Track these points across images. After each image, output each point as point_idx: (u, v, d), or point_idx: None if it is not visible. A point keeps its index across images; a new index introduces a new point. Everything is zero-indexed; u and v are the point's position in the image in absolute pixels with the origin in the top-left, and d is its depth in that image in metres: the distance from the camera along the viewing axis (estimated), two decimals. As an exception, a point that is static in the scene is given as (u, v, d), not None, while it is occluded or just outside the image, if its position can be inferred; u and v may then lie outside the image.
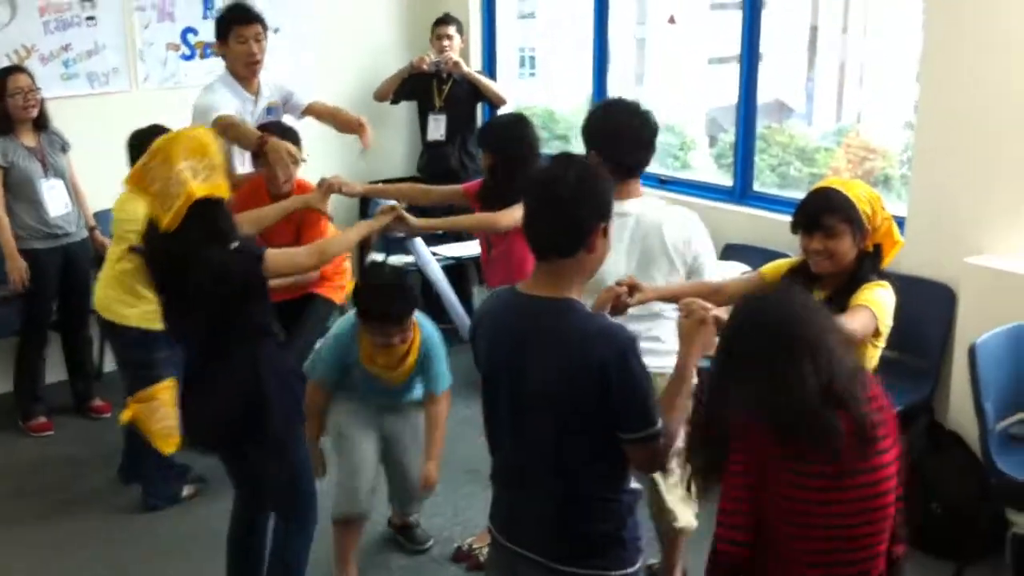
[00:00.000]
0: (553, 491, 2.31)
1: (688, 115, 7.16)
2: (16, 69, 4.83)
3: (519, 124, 3.90)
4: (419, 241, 4.91)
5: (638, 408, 2.21)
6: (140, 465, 4.34)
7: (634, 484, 2.40)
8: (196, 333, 3.07)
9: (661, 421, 2.25)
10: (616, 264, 3.06)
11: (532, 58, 8.20)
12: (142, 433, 4.13)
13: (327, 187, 3.71)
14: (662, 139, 4.12)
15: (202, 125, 4.27)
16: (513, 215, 3.41)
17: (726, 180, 5.37)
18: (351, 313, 3.54)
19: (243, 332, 3.02)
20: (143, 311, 3.96)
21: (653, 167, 3.93)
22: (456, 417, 4.04)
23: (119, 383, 4.44)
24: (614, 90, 5.97)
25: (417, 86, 6.06)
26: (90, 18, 5.43)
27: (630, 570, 2.37)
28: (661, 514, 3.39)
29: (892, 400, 2.29)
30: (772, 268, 3.00)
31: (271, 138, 4.03)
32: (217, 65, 4.72)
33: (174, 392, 3.82)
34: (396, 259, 6.00)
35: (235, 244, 2.94)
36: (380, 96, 6.12)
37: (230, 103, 4.36)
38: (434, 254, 5.05)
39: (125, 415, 4.16)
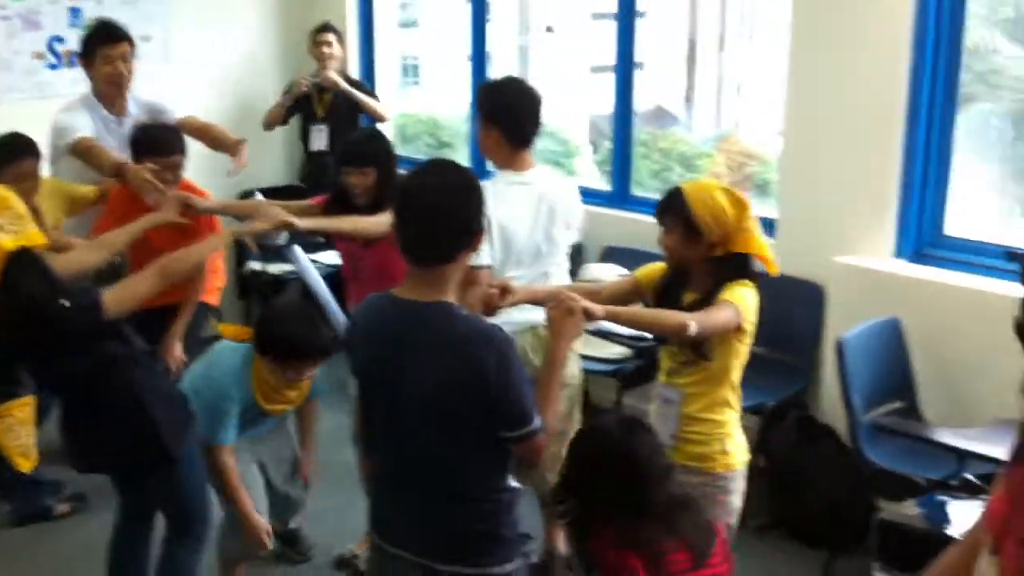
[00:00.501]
0: (433, 492, 2.32)
1: (572, 122, 7.23)
2: None
3: (383, 137, 3.90)
4: (298, 249, 4.84)
5: (517, 407, 2.23)
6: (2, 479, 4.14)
7: (513, 482, 2.40)
8: (61, 378, 2.94)
9: (539, 419, 2.27)
10: (525, 226, 3.39)
11: (415, 66, 8.17)
12: None
13: (175, 202, 3.63)
14: (547, 146, 4.16)
15: (61, 143, 4.19)
16: (385, 222, 3.38)
17: (608, 185, 5.42)
18: (230, 364, 3.32)
19: (110, 366, 2.91)
20: None
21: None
22: (336, 423, 3.98)
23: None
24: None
25: (299, 97, 5.99)
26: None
27: (509, 567, 2.37)
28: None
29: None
30: (646, 271, 3.04)
31: (129, 166, 3.91)
32: (79, 76, 4.56)
33: (32, 410, 3.65)
34: (274, 268, 5.94)
35: (64, 302, 2.73)
36: (269, 125, 6.02)
37: (88, 126, 4.22)
38: (313, 262, 4.99)
39: None
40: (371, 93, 6.10)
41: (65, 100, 4.42)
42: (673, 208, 2.81)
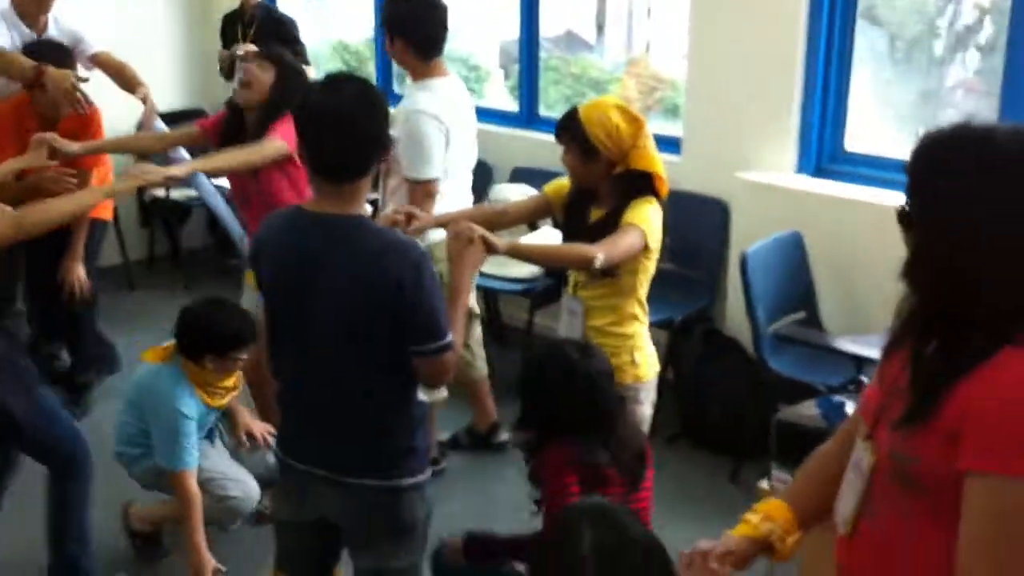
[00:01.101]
0: (342, 406, 2.31)
1: (482, 48, 7.13)
2: None
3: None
4: (201, 174, 4.72)
5: (431, 321, 2.23)
6: None
7: (423, 396, 2.41)
8: None
9: (452, 334, 2.28)
10: (462, 133, 3.61)
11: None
12: None
13: (38, 142, 3.49)
14: (458, 71, 4.14)
15: None
16: (270, 148, 3.41)
17: (517, 108, 5.40)
18: (168, 390, 3.19)
19: None
20: None
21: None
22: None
23: None
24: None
25: (226, 33, 5.70)
26: None
27: (421, 478, 2.40)
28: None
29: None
30: (554, 187, 3.05)
31: (52, 71, 3.79)
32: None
33: None
34: (177, 193, 5.80)
35: None
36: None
37: (3, 37, 4.09)
38: (217, 187, 4.88)
39: None
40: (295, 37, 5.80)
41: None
42: (569, 128, 2.84)
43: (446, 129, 3.54)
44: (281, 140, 3.42)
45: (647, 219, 2.78)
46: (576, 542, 1.50)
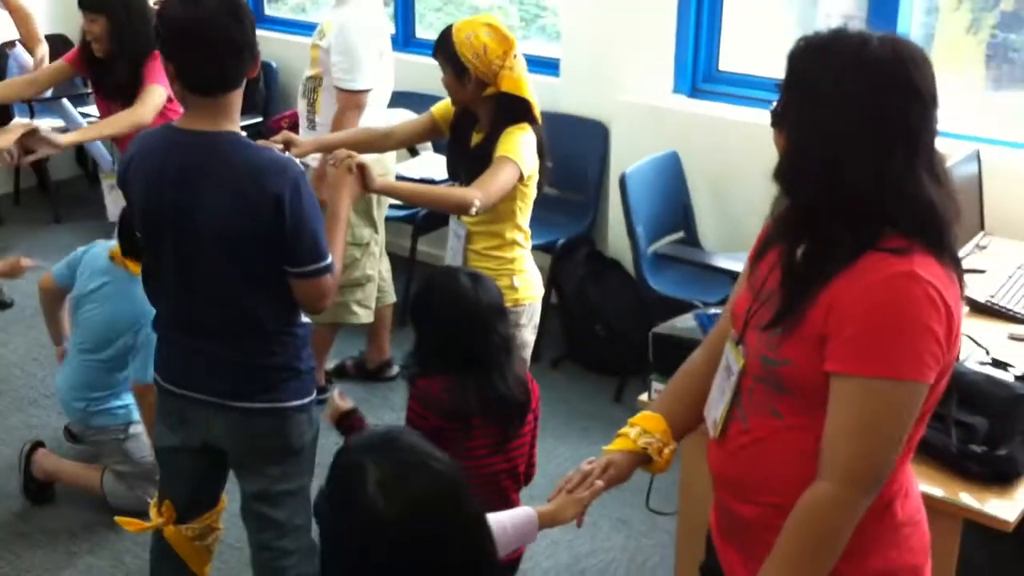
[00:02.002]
0: (225, 329, 2.28)
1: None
2: None
3: None
4: (66, 102, 4.56)
5: (311, 241, 2.20)
6: None
7: (305, 318, 2.39)
8: None
9: (332, 257, 2.25)
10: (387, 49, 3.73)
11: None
12: None
13: None
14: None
15: None
16: (153, 101, 3.39)
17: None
18: (139, 291, 2.61)
19: None
20: None
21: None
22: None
23: None
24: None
25: None
26: None
27: (306, 400, 2.39)
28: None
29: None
30: (441, 108, 3.03)
31: None
32: None
33: None
34: (45, 122, 5.53)
35: None
36: None
37: None
38: (84, 115, 4.71)
39: None
40: None
41: None
42: (441, 47, 2.81)
43: (377, 42, 3.61)
44: (158, 85, 3.37)
45: (518, 148, 2.76)
46: (361, 481, 1.33)
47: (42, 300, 3.39)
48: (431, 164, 4.34)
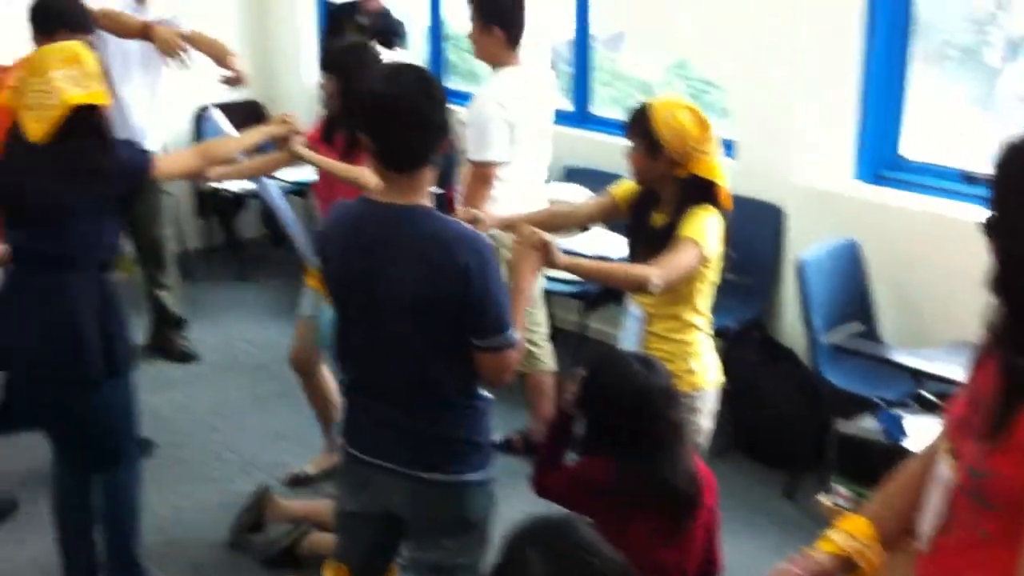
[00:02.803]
0: (409, 398, 2.33)
1: (533, 48, 7.13)
2: None
3: (365, 49, 3.77)
4: (264, 180, 4.75)
5: (495, 315, 2.25)
6: None
7: (486, 391, 2.42)
8: (36, 247, 2.90)
9: (514, 331, 2.29)
10: (528, 121, 3.74)
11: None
12: None
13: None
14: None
15: None
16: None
17: (568, 106, 5.39)
18: None
19: (95, 248, 2.93)
20: None
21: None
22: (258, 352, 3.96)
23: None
24: (452, 17, 5.87)
25: (331, 31, 5.66)
26: None
27: (486, 474, 2.41)
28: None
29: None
30: (621, 189, 3.04)
31: (159, 27, 4.14)
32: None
33: None
34: (234, 185, 5.83)
35: (118, 152, 2.93)
36: None
37: (115, 2, 4.32)
38: (274, 178, 4.91)
39: None
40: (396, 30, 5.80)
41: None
42: (637, 123, 2.82)
43: (510, 116, 3.64)
44: None
45: (703, 231, 2.75)
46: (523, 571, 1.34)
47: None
48: (604, 241, 4.37)
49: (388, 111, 2.24)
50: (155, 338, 4.97)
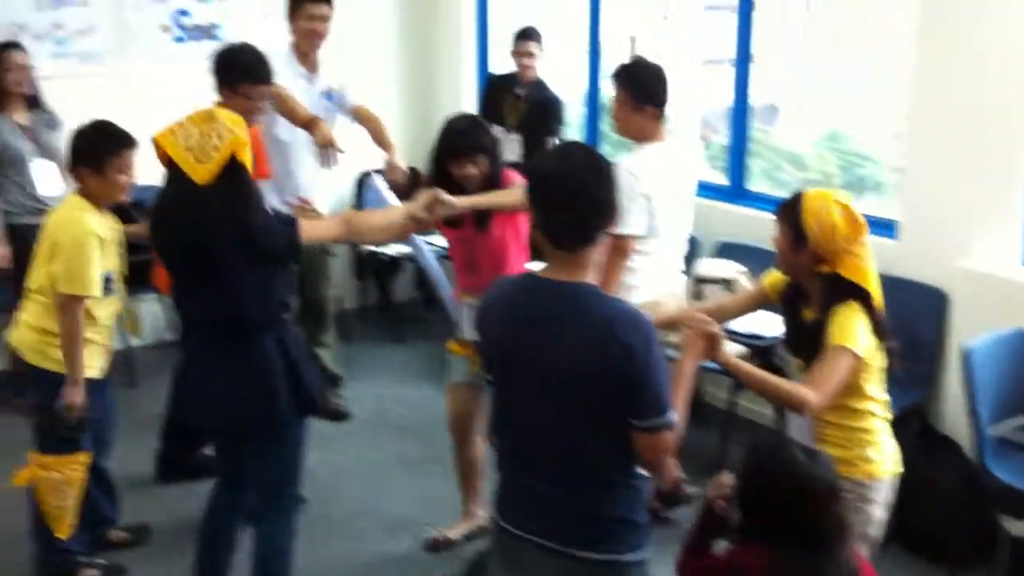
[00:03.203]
0: (567, 476, 2.32)
1: (682, 115, 7.16)
2: (12, 45, 4.78)
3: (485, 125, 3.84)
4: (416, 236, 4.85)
5: (655, 395, 2.23)
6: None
7: (643, 470, 2.39)
8: (211, 308, 3.00)
9: (674, 413, 2.27)
10: (667, 196, 3.74)
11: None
12: (37, 500, 3.54)
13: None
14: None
15: None
16: (517, 191, 3.45)
17: (721, 179, 5.37)
18: None
19: (267, 308, 3.02)
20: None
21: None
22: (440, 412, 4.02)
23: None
24: (606, 86, 5.94)
25: (489, 101, 5.77)
26: (83, -4, 5.41)
27: (643, 555, 2.37)
28: None
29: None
30: (772, 280, 3.00)
31: (322, 123, 4.37)
32: (204, 49, 4.69)
33: (84, 470, 3.51)
34: (391, 249, 6.02)
35: (268, 210, 3.01)
36: None
37: (287, 78, 4.52)
38: (429, 244, 5.02)
39: (22, 475, 3.51)
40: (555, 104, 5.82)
41: (186, 69, 4.66)
42: (788, 211, 2.78)
43: (645, 189, 3.65)
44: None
45: (853, 334, 2.66)
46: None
47: None
48: (758, 318, 4.29)
49: (557, 189, 2.26)
50: None
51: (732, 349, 4.24)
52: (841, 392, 2.71)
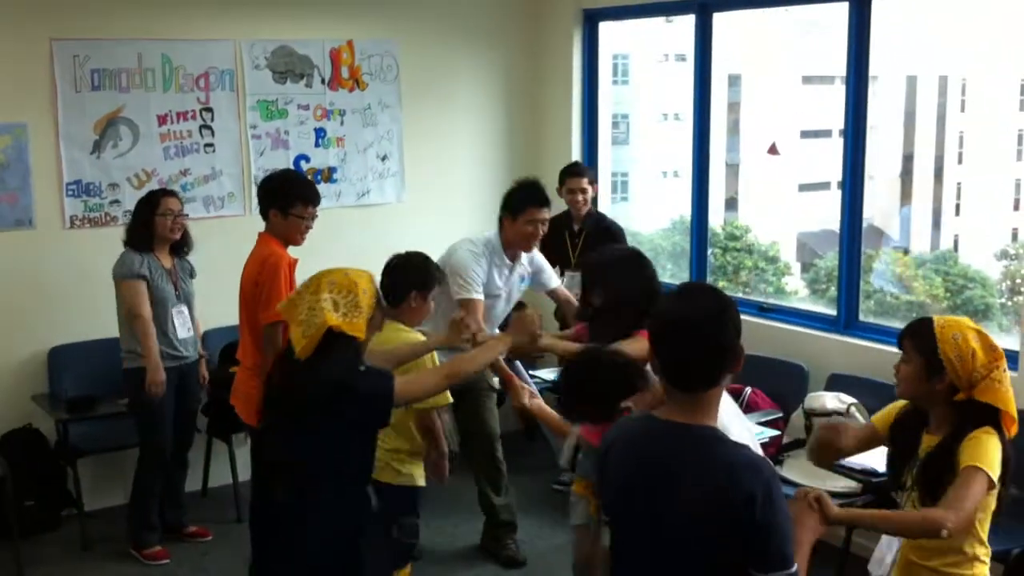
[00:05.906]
0: None
1: (781, 240, 7.16)
2: (170, 192, 4.98)
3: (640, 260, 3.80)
4: (519, 363, 4.89)
5: (778, 546, 2.17)
6: None
7: None
8: (299, 464, 3.04)
9: (796, 566, 2.21)
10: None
11: (624, 182, 8.30)
12: None
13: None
14: (756, 264, 4.16)
15: (454, 283, 4.49)
16: (638, 344, 3.39)
17: (820, 305, 5.30)
18: None
19: (350, 468, 3.05)
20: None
21: (752, 295, 3.96)
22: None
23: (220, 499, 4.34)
24: (713, 214, 5.94)
25: (548, 242, 5.69)
26: (208, 145, 5.70)
27: None
28: None
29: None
30: (881, 417, 2.95)
31: (528, 307, 4.23)
32: (323, 192, 4.86)
33: None
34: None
35: (359, 382, 3.02)
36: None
37: (483, 274, 4.66)
38: (532, 376, 5.04)
39: None
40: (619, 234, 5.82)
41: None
42: (918, 338, 2.72)
43: None
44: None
45: (990, 457, 2.61)
46: None
47: None
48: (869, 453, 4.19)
49: (681, 333, 2.26)
50: (484, 539, 5.12)
51: (843, 484, 4.16)
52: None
